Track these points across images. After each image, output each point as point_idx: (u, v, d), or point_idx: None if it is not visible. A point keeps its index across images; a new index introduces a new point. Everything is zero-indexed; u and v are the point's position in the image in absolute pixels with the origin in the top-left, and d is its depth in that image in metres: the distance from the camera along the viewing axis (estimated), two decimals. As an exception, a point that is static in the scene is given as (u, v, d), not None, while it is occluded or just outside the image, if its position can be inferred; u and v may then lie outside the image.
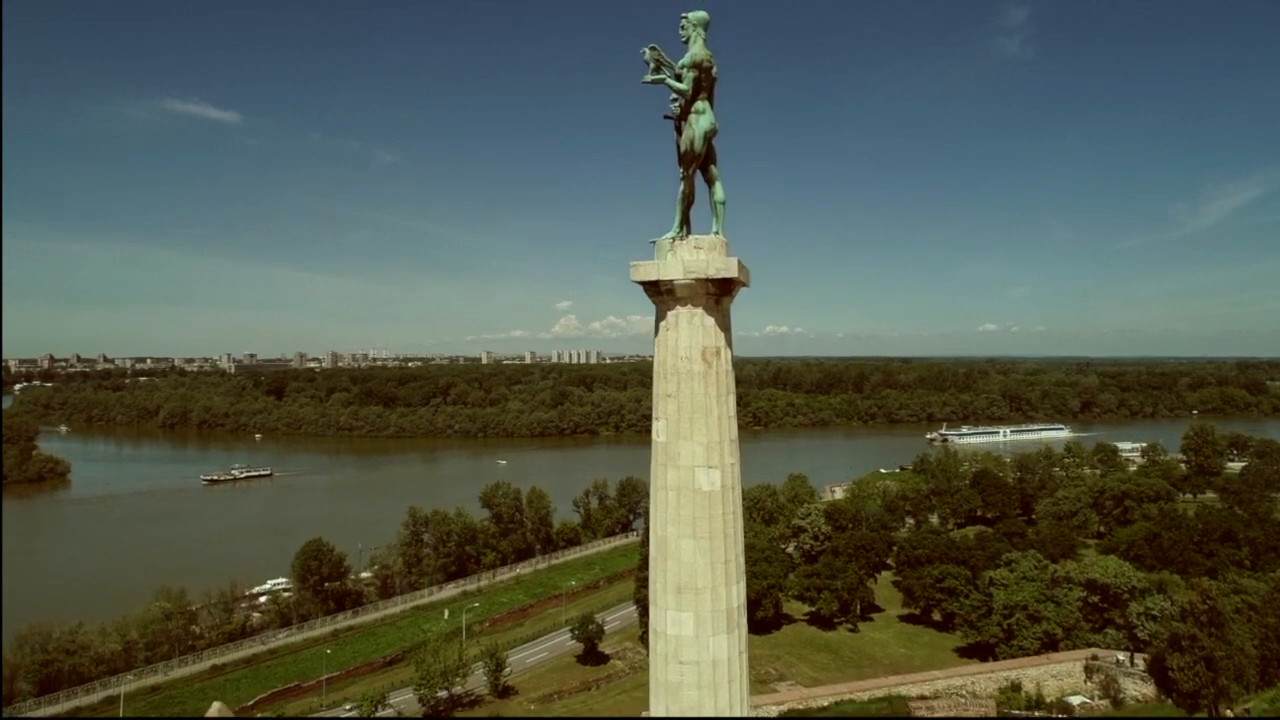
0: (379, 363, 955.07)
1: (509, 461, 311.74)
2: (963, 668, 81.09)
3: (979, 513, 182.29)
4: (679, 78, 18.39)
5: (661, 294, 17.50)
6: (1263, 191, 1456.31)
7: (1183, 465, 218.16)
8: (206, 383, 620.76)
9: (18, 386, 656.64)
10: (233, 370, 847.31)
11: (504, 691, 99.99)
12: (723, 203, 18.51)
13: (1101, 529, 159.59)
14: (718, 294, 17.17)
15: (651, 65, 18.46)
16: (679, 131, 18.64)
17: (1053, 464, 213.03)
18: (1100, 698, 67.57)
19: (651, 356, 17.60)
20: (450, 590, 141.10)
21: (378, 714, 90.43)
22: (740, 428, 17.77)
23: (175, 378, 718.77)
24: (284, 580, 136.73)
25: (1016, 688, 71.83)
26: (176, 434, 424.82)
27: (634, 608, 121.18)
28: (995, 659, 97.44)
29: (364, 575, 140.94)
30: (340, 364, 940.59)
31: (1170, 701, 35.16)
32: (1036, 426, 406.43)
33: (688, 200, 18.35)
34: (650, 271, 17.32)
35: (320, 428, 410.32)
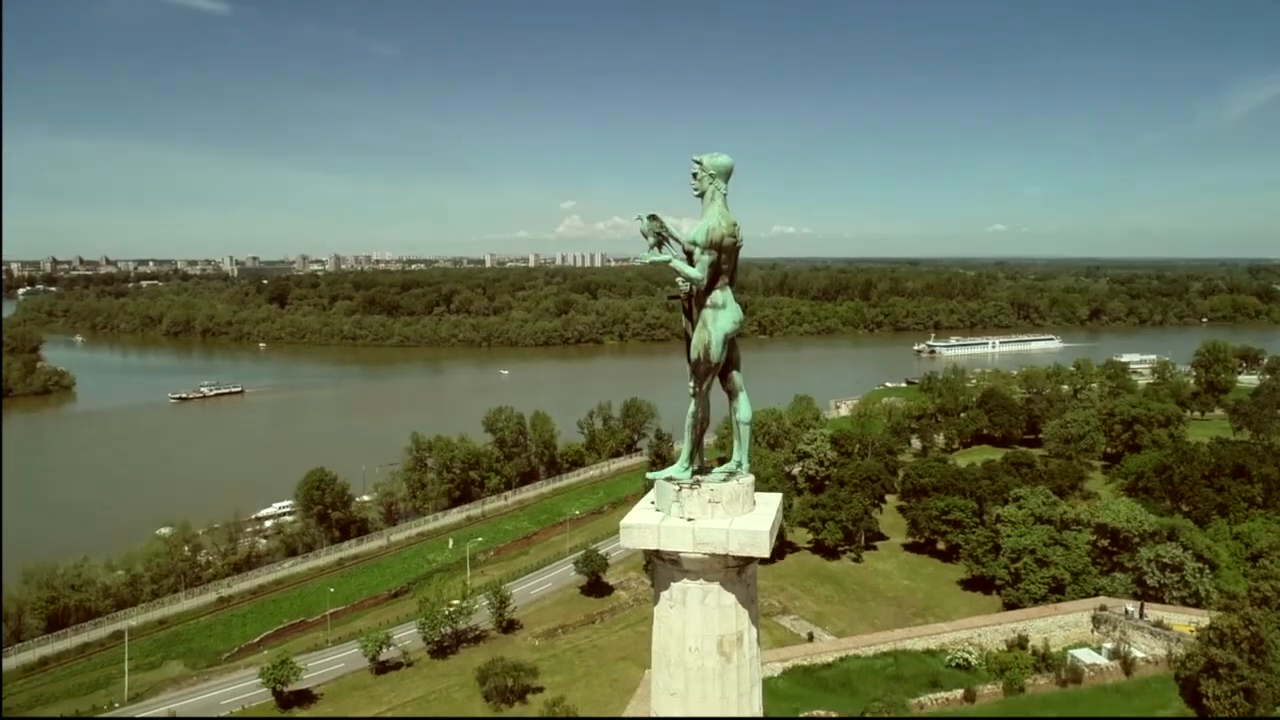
0: (382, 265, 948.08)
1: (511, 372, 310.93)
2: (969, 620, 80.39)
3: (985, 431, 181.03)
4: (689, 254, 13.31)
5: (664, 560, 13.06)
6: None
7: (1191, 382, 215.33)
8: (210, 288, 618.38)
9: (21, 291, 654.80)
10: (235, 273, 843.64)
11: (508, 627, 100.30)
12: (748, 423, 13.88)
13: (1109, 450, 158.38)
14: (740, 564, 12.70)
15: (651, 240, 13.54)
16: (688, 317, 13.70)
17: (1060, 381, 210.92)
18: (1110, 657, 66.74)
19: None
20: (455, 516, 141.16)
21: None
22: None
23: (178, 282, 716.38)
24: (288, 503, 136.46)
25: (1023, 643, 71.01)
26: (180, 342, 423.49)
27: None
28: (999, 593, 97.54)
29: (365, 499, 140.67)
30: (343, 266, 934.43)
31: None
32: (1026, 337, 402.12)
33: (701, 425, 13.63)
34: (647, 538, 12.68)
35: (324, 336, 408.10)
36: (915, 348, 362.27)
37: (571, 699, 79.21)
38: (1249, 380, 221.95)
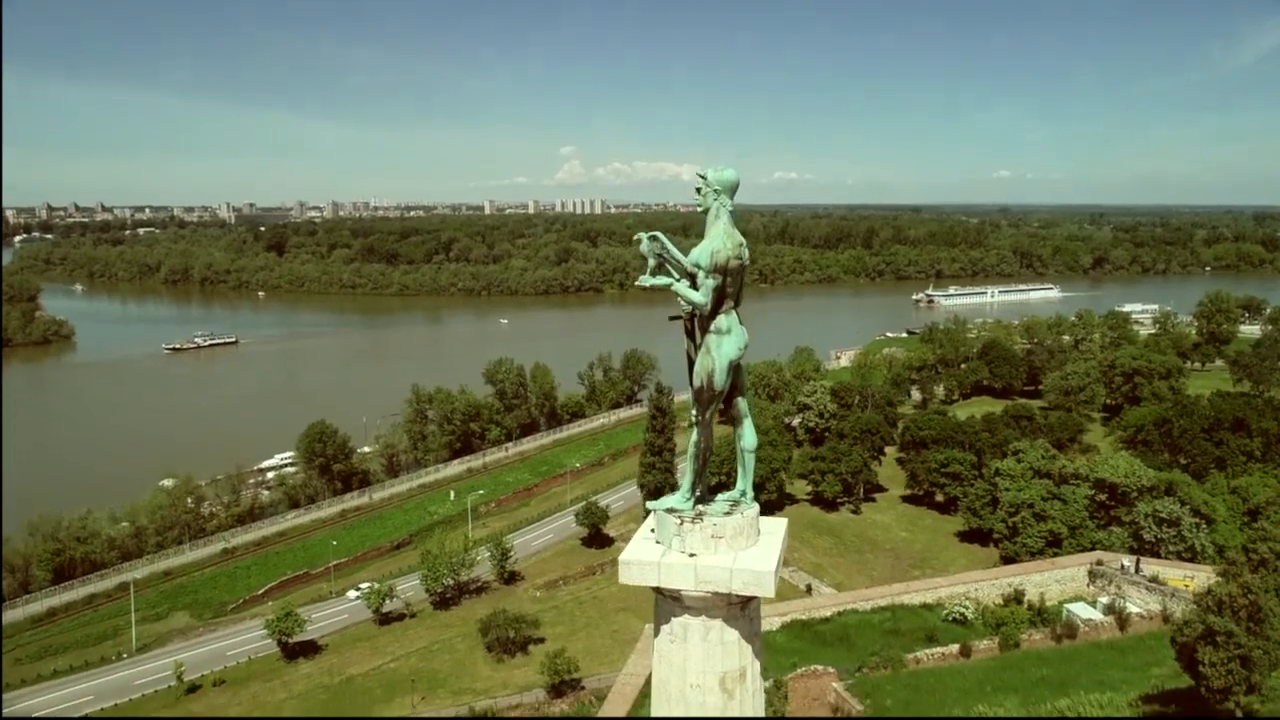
0: (380, 212, 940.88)
1: (511, 321, 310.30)
2: (966, 574, 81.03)
3: (985, 383, 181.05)
4: (691, 276, 12.56)
5: (664, 595, 12.55)
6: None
7: (1193, 332, 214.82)
8: (207, 235, 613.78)
9: (18, 239, 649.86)
10: (233, 220, 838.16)
11: (509, 578, 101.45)
12: (752, 451, 13.18)
13: (1109, 401, 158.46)
14: (744, 600, 12.14)
15: (652, 262, 12.83)
16: (690, 338, 13.02)
17: (1061, 332, 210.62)
18: (1105, 612, 67.34)
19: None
20: (455, 467, 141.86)
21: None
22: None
23: (175, 229, 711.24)
24: (290, 454, 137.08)
25: (1019, 597, 71.61)
26: (179, 290, 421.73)
27: (638, 488, 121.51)
28: (996, 546, 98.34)
29: (366, 451, 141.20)
30: (341, 213, 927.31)
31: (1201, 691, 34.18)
32: (1026, 286, 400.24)
33: (704, 455, 12.92)
34: (647, 575, 12.18)
35: (323, 285, 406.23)
36: (914, 297, 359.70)
37: (572, 650, 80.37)
38: (1251, 331, 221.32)
